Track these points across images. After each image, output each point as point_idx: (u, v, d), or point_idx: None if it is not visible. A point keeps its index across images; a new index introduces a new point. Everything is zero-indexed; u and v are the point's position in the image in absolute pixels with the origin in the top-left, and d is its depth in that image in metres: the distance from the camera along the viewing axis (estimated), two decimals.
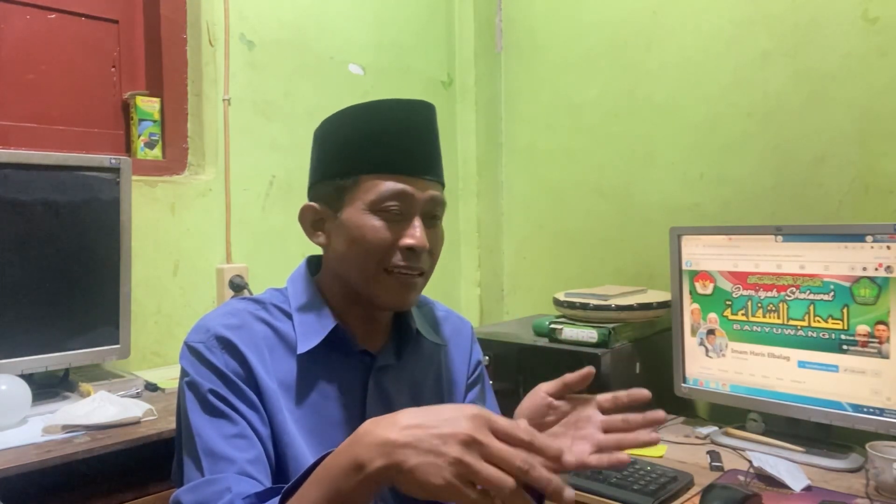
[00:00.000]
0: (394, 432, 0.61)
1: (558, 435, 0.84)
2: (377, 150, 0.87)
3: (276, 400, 0.83)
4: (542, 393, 0.88)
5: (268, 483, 0.76)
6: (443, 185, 0.92)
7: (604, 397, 0.86)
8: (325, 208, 0.89)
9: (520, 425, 0.62)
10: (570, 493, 0.60)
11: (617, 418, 0.83)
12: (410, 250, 0.85)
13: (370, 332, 0.92)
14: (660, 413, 0.84)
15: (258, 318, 0.88)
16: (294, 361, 0.86)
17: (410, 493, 0.60)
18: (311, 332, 0.87)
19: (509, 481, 0.58)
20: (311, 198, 0.92)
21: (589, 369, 0.85)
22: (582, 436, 0.82)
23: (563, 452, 0.63)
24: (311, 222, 0.92)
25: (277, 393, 0.83)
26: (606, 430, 0.82)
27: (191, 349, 0.83)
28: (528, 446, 0.61)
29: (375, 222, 0.85)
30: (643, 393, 0.86)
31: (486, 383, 1.06)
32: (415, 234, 0.85)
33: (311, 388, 0.86)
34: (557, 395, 0.88)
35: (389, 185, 0.85)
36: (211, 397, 0.80)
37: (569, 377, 0.87)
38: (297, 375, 0.86)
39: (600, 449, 0.78)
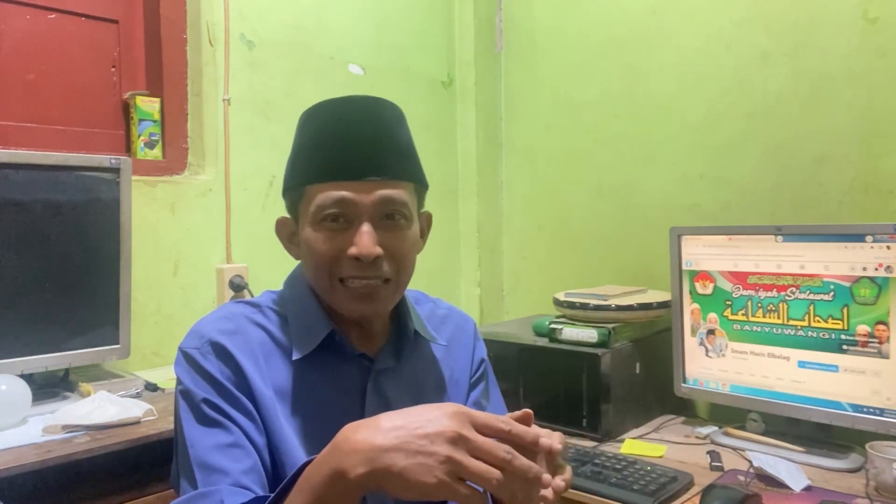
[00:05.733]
0: (378, 437, 0.60)
1: None
2: (313, 158, 0.84)
3: (273, 407, 0.82)
4: None
5: (262, 493, 0.75)
6: (408, 179, 0.86)
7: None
8: (293, 221, 0.89)
9: (498, 416, 0.64)
10: (547, 477, 0.62)
11: None
12: (356, 259, 0.81)
13: (366, 336, 0.91)
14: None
15: (254, 322, 0.87)
16: (291, 367, 0.85)
17: (399, 495, 0.60)
18: (306, 337, 0.86)
19: (496, 474, 0.59)
20: (286, 209, 0.91)
21: (526, 412, 0.71)
22: None
23: (539, 437, 0.64)
24: (287, 235, 0.91)
25: (274, 400, 0.82)
26: None
27: (185, 355, 0.82)
28: (508, 435, 0.63)
29: (320, 235, 0.83)
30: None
31: (490, 380, 1.04)
32: (359, 241, 0.81)
33: (309, 395, 0.85)
34: None
35: (327, 195, 0.81)
36: (205, 407, 0.78)
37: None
38: (294, 381, 0.84)
39: None
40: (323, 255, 0.83)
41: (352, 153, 0.82)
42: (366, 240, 0.81)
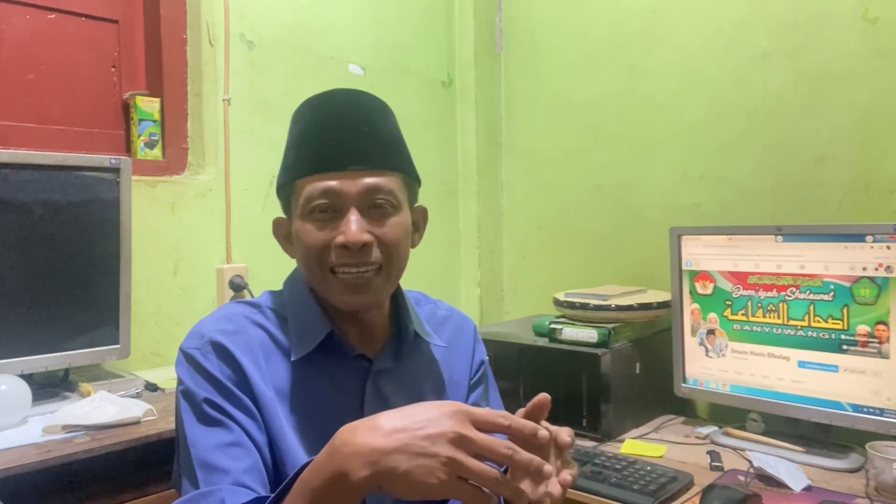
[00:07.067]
0: (378, 439, 0.60)
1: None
2: (300, 153, 0.86)
3: (273, 406, 0.82)
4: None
5: (263, 492, 0.75)
6: (394, 169, 0.86)
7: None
8: (287, 220, 0.90)
9: (496, 412, 0.64)
10: (549, 468, 0.62)
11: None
12: (344, 247, 0.82)
13: (365, 336, 0.91)
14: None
15: (254, 322, 0.87)
16: (290, 367, 0.85)
17: (403, 496, 0.60)
18: (305, 337, 0.86)
19: (495, 474, 0.60)
20: (281, 209, 0.92)
21: (542, 396, 0.71)
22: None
23: (538, 429, 0.64)
24: (284, 234, 0.92)
25: (274, 399, 0.83)
26: None
27: (186, 355, 0.83)
28: (508, 430, 0.63)
29: (309, 226, 0.84)
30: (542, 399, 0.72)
31: (490, 383, 1.05)
32: (346, 229, 0.82)
33: (309, 394, 0.85)
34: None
35: (314, 186, 0.83)
36: (206, 406, 0.79)
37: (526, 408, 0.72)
38: (293, 381, 0.85)
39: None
40: (312, 245, 0.84)
41: (335, 144, 0.84)
42: (353, 227, 0.82)
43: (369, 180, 0.83)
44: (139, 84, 1.79)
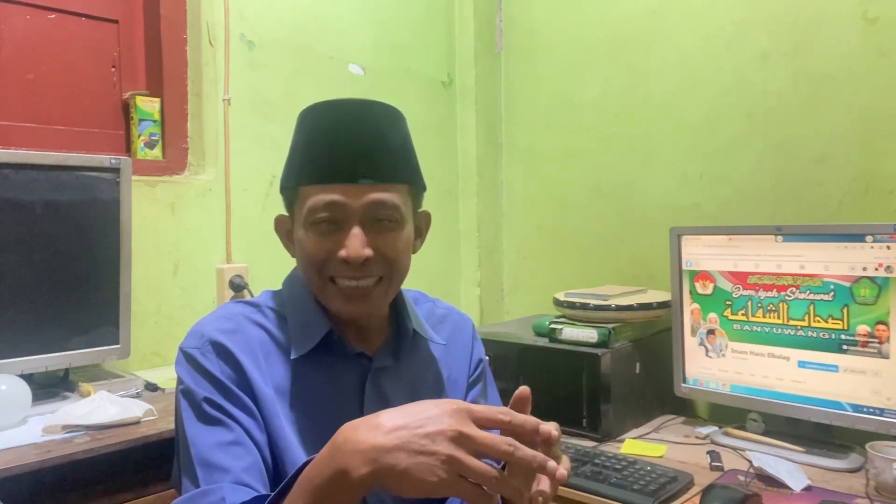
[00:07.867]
0: (378, 437, 0.61)
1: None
2: (306, 160, 0.85)
3: (273, 405, 0.82)
4: None
5: (264, 491, 0.75)
6: (400, 181, 0.86)
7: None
8: (290, 219, 0.90)
9: (497, 408, 0.64)
10: (552, 464, 0.62)
11: None
12: (345, 261, 0.82)
13: (365, 334, 0.91)
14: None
15: (254, 321, 0.87)
16: (290, 366, 0.86)
17: (402, 493, 0.60)
18: (305, 336, 0.87)
19: (494, 473, 0.60)
20: (284, 207, 0.92)
21: (522, 390, 0.71)
22: None
23: (539, 424, 0.64)
24: (285, 233, 0.92)
25: (274, 398, 0.83)
26: None
27: (186, 355, 0.83)
28: (508, 426, 0.63)
29: (312, 236, 0.84)
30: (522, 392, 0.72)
31: (488, 381, 1.05)
32: (348, 244, 0.82)
33: (308, 393, 0.85)
34: None
35: (319, 198, 0.82)
36: (206, 406, 0.79)
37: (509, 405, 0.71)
38: (293, 380, 0.85)
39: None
40: (314, 255, 0.84)
41: (343, 156, 0.83)
42: (355, 243, 0.82)
43: (374, 196, 0.83)
44: (139, 84, 1.79)
